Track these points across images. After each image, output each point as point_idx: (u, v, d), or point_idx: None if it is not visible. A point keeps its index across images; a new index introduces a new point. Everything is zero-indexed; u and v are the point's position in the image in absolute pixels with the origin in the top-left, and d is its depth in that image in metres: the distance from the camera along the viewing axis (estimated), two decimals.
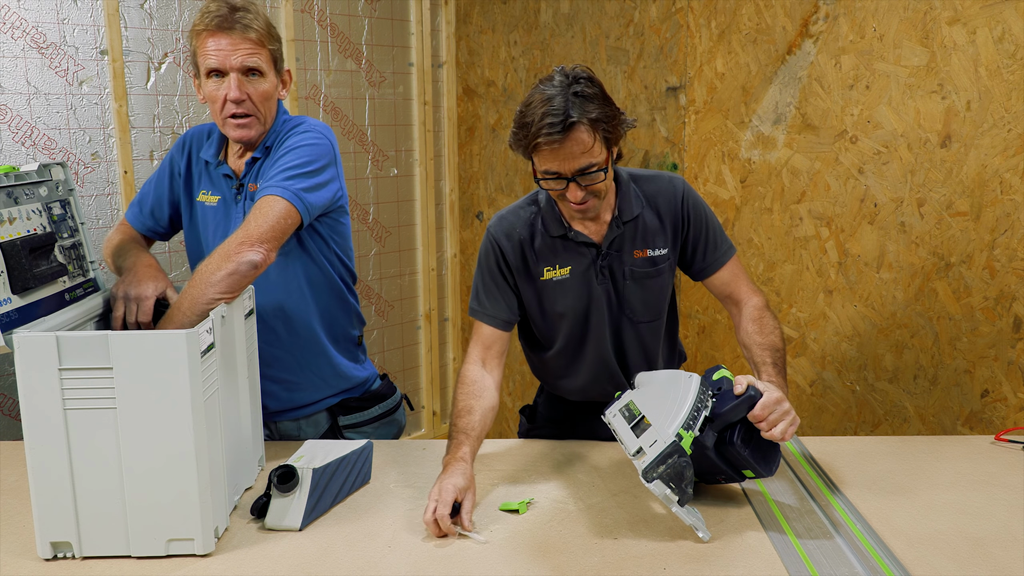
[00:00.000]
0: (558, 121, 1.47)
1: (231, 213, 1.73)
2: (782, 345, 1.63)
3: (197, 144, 1.81)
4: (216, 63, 1.62)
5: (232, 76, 1.63)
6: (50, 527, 1.26)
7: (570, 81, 1.51)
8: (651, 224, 1.70)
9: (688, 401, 1.38)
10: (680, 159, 2.79)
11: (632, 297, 1.72)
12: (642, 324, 1.74)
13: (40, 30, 2.40)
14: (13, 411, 2.45)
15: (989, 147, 2.04)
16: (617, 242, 1.69)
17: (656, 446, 1.31)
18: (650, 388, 1.51)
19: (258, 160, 1.71)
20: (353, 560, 1.27)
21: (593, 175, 1.54)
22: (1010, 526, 1.35)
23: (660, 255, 1.70)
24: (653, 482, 1.29)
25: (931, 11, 2.11)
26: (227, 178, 1.75)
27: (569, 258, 1.70)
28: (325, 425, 1.84)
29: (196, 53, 1.66)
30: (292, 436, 1.84)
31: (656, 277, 1.71)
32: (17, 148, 2.39)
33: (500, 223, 1.73)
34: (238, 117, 1.66)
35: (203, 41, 1.63)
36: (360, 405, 1.86)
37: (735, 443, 1.37)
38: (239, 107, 1.65)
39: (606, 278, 1.70)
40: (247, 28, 1.63)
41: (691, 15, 2.69)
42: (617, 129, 1.57)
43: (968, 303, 2.13)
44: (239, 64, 1.63)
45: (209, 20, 1.62)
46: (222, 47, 1.62)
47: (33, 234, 1.38)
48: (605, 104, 1.53)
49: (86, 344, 1.21)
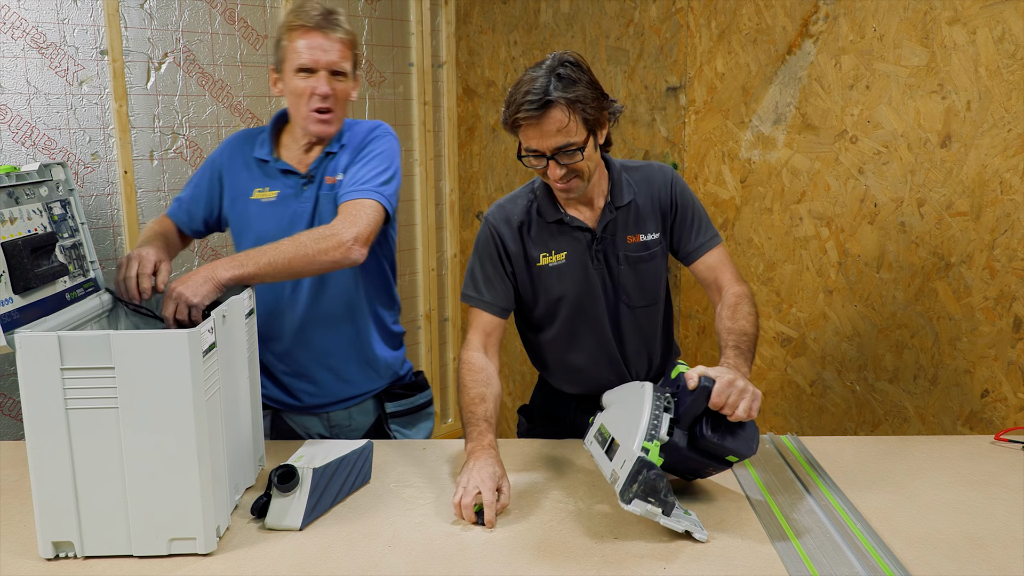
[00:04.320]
0: (536, 99, 1.54)
1: (293, 206, 1.80)
2: (753, 331, 1.64)
3: (243, 147, 1.87)
4: (309, 60, 1.72)
5: (322, 74, 1.72)
6: (52, 527, 1.26)
7: (556, 64, 1.57)
8: (643, 209, 1.75)
9: (645, 412, 1.37)
10: (680, 159, 2.79)
11: (627, 281, 1.76)
12: (638, 309, 1.78)
13: (40, 30, 2.40)
14: (14, 411, 2.45)
15: (989, 147, 2.05)
16: (611, 227, 1.73)
17: (625, 466, 1.31)
18: (614, 407, 1.50)
19: (332, 155, 1.80)
20: (353, 560, 1.27)
21: (571, 154, 1.59)
22: (1010, 526, 1.35)
23: (652, 239, 1.75)
24: (631, 503, 1.29)
25: (931, 11, 2.11)
26: (287, 173, 1.81)
27: (565, 243, 1.74)
28: (374, 414, 1.93)
29: (285, 48, 1.74)
30: (344, 425, 1.92)
31: (649, 261, 1.76)
32: (17, 148, 2.39)
33: (499, 211, 1.78)
34: (322, 112, 1.74)
35: (297, 38, 1.73)
36: (404, 392, 1.95)
37: (706, 435, 1.36)
38: (324, 102, 1.73)
39: (601, 263, 1.74)
40: (340, 31, 1.75)
41: (691, 15, 2.69)
42: (600, 113, 1.62)
43: (968, 303, 2.14)
44: (330, 63, 1.73)
45: (307, 19, 1.72)
46: (316, 45, 1.72)
47: (34, 234, 1.38)
48: (588, 88, 1.58)
49: (88, 344, 1.21)
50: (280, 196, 1.81)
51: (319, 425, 1.92)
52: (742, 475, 1.57)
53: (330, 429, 1.92)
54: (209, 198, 1.88)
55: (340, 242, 1.62)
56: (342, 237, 1.62)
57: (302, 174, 1.80)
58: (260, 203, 1.82)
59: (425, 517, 1.41)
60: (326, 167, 1.80)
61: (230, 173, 1.86)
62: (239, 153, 1.86)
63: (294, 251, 1.59)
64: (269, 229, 1.78)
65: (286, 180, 1.81)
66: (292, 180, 1.81)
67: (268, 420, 1.91)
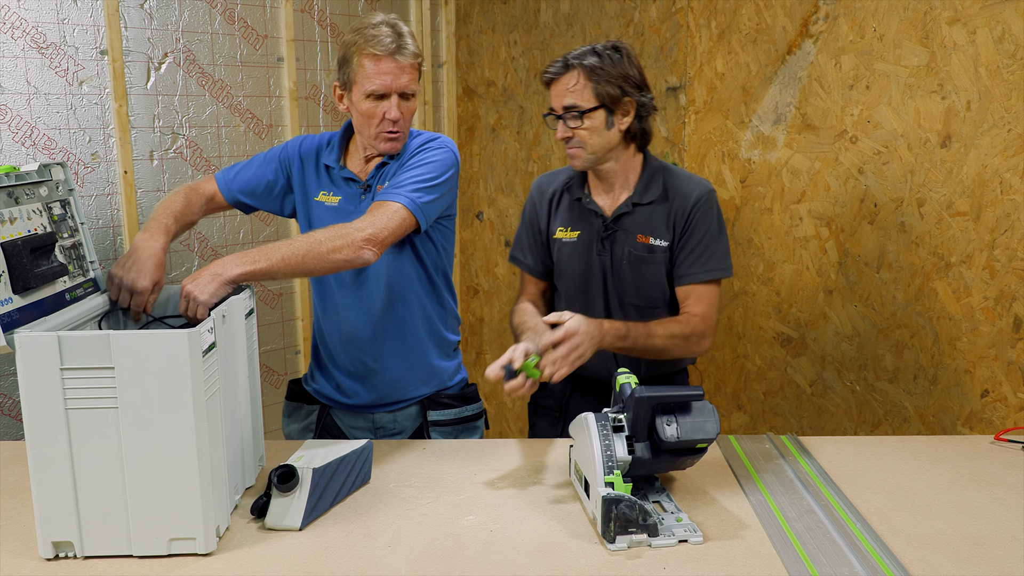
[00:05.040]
0: (562, 61, 1.75)
1: (351, 212, 1.83)
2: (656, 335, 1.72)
3: (313, 152, 1.92)
4: (381, 87, 1.73)
5: (393, 98, 1.75)
6: (51, 527, 1.26)
7: (602, 45, 1.76)
8: (661, 215, 1.80)
9: (595, 446, 1.36)
10: (680, 159, 2.79)
11: (624, 277, 1.82)
12: (631, 307, 1.83)
13: (40, 30, 2.40)
14: (14, 411, 2.45)
15: (989, 147, 2.05)
16: (624, 220, 1.81)
17: (597, 507, 1.31)
18: (577, 442, 1.48)
19: (387, 164, 1.83)
20: (353, 560, 1.27)
21: (576, 118, 1.74)
22: (1010, 526, 1.35)
23: (659, 246, 1.80)
24: (615, 542, 1.29)
25: (931, 11, 2.11)
26: (349, 181, 1.86)
27: (580, 223, 1.86)
28: (418, 419, 1.93)
29: (356, 71, 1.75)
30: (388, 428, 1.93)
31: (650, 265, 1.80)
32: (17, 148, 2.39)
33: (541, 179, 1.96)
34: (392, 133, 1.78)
35: (368, 62, 1.73)
36: (449, 403, 1.94)
37: (667, 439, 1.36)
38: (395, 125, 1.77)
39: (606, 251, 1.82)
40: (410, 55, 1.75)
41: (691, 15, 2.69)
42: (621, 95, 1.74)
43: (968, 303, 2.14)
44: (401, 87, 1.75)
45: (380, 46, 1.72)
46: (388, 71, 1.73)
47: (34, 234, 1.38)
48: (615, 68, 1.73)
49: (88, 344, 1.21)
50: (341, 202, 1.85)
51: (364, 425, 1.94)
52: (742, 475, 1.57)
53: (375, 431, 1.94)
54: (268, 183, 1.91)
55: (351, 241, 1.62)
56: (354, 236, 1.62)
57: (361, 183, 1.85)
58: (323, 206, 1.87)
59: (425, 517, 1.41)
60: (380, 176, 1.84)
61: (300, 171, 1.91)
62: (311, 154, 1.92)
63: (307, 249, 1.59)
64: None
65: (348, 187, 1.86)
66: (353, 188, 1.85)
67: (316, 415, 1.95)
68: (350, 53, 1.76)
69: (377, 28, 1.74)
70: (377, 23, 1.75)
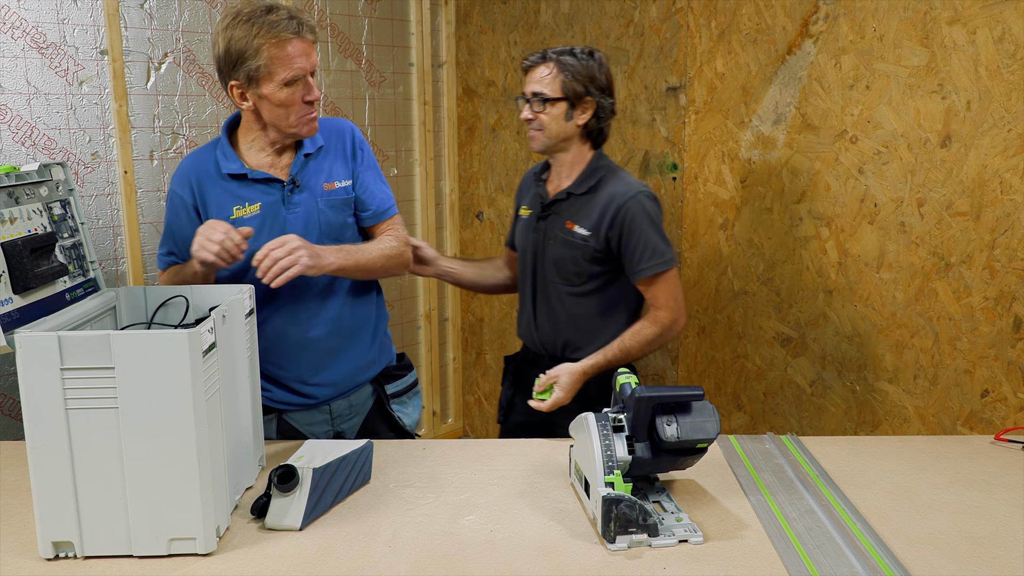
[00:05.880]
0: (541, 54, 1.99)
1: (280, 213, 1.78)
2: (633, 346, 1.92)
3: (206, 167, 1.79)
4: (301, 71, 1.69)
5: (308, 79, 1.71)
6: (51, 527, 1.26)
7: (580, 47, 1.99)
8: (589, 207, 1.98)
9: (596, 447, 1.36)
10: (680, 159, 2.79)
11: (548, 256, 2.03)
12: (551, 284, 2.03)
13: (40, 30, 2.40)
14: (14, 411, 2.45)
15: (989, 147, 2.05)
16: (559, 206, 2.02)
17: (597, 507, 1.31)
18: (577, 441, 1.48)
19: (310, 156, 1.80)
20: (353, 560, 1.27)
21: (541, 104, 1.96)
22: (1010, 526, 1.35)
23: (580, 233, 1.98)
24: (615, 542, 1.29)
25: (931, 11, 2.11)
26: (268, 182, 1.77)
27: (532, 204, 2.09)
28: (372, 397, 1.96)
29: (266, 62, 1.66)
30: (345, 415, 1.93)
31: (571, 249, 1.99)
32: (17, 148, 2.39)
33: (534, 166, 2.18)
34: (311, 114, 1.75)
35: (280, 50, 1.66)
36: (398, 373, 2.01)
37: (667, 439, 1.37)
38: (313, 106, 1.73)
39: (540, 231, 2.05)
40: (311, 30, 1.71)
41: (691, 15, 2.69)
42: (584, 92, 1.95)
43: (968, 303, 2.14)
44: (314, 67, 1.72)
45: (284, 29, 1.66)
46: (300, 53, 1.68)
47: (34, 234, 1.38)
48: (586, 70, 1.95)
49: (88, 344, 1.21)
50: (264, 207, 1.76)
51: (321, 419, 1.91)
52: (742, 475, 1.57)
53: (332, 420, 1.92)
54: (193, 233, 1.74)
55: (406, 261, 1.88)
56: (407, 257, 1.88)
57: (285, 181, 1.77)
58: (243, 220, 1.75)
59: (425, 517, 1.41)
60: (310, 170, 1.78)
61: (203, 197, 1.78)
62: (202, 173, 1.78)
63: (377, 260, 1.78)
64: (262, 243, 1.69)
65: (268, 190, 1.77)
66: (276, 189, 1.77)
67: (274, 423, 1.90)
68: (251, 47, 1.65)
69: (274, 14, 1.66)
70: (268, 7, 1.67)
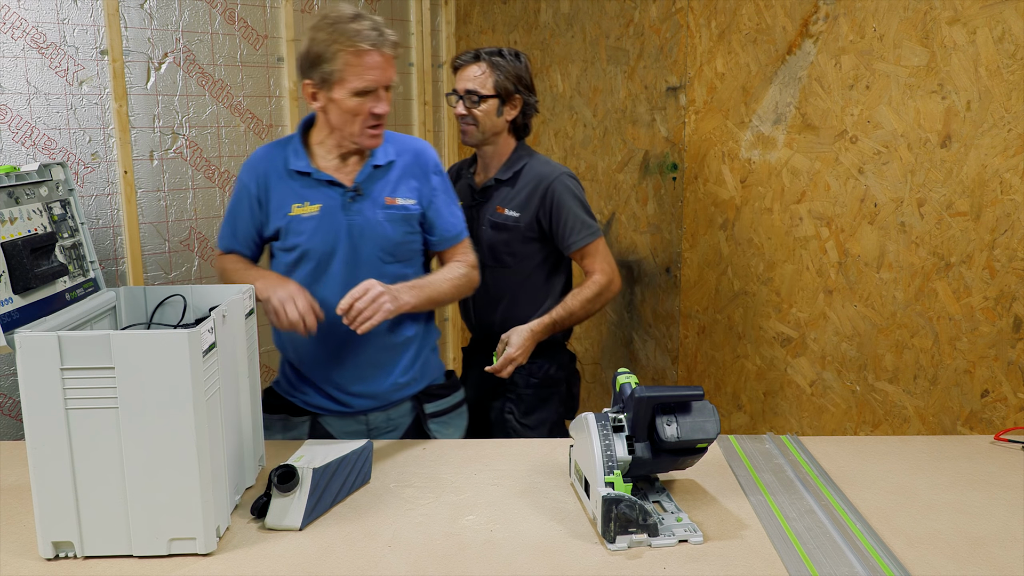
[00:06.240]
0: (473, 54, 2.15)
1: (340, 219, 1.78)
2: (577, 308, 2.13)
3: (275, 162, 1.82)
4: (373, 83, 1.70)
5: (380, 92, 1.73)
6: (51, 527, 1.26)
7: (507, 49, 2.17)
8: (517, 191, 2.15)
9: (596, 447, 1.36)
10: (680, 159, 2.79)
11: (484, 240, 2.18)
12: (488, 269, 2.13)
13: (40, 30, 2.40)
14: (14, 411, 2.45)
15: (989, 147, 2.05)
16: (488, 193, 2.21)
17: (597, 507, 1.32)
18: (577, 441, 1.48)
19: (379, 167, 1.82)
20: (353, 560, 1.27)
21: (475, 102, 2.13)
22: (1010, 526, 1.35)
23: (512, 215, 2.16)
24: (615, 542, 1.29)
25: (931, 11, 2.11)
26: (330, 184, 1.78)
27: (463, 195, 2.21)
28: (411, 414, 1.94)
29: (341, 68, 1.68)
30: (382, 428, 1.91)
31: (503, 231, 2.17)
32: (17, 148, 2.39)
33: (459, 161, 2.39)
34: (376, 127, 1.77)
35: (356, 59, 1.67)
36: (441, 392, 1.98)
37: (667, 439, 1.36)
38: (380, 119, 1.76)
39: (474, 218, 2.20)
40: (392, 45, 1.72)
41: (691, 15, 2.69)
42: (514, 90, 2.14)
43: (968, 303, 2.14)
44: (388, 81, 1.74)
45: (364, 39, 1.67)
46: (375, 65, 1.69)
47: (34, 234, 1.38)
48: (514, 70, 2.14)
49: (88, 344, 1.21)
50: (323, 209, 1.78)
51: (357, 428, 1.91)
52: (742, 475, 1.57)
53: (368, 432, 1.91)
54: (255, 222, 1.85)
55: (474, 284, 1.92)
56: (475, 280, 1.92)
57: (347, 187, 1.79)
58: (301, 219, 1.78)
59: (425, 517, 1.41)
60: (376, 181, 1.80)
61: (267, 190, 1.82)
62: (271, 169, 1.82)
63: (447, 293, 1.83)
64: (316, 244, 1.78)
65: (329, 192, 1.79)
66: (336, 192, 1.79)
67: (307, 425, 1.90)
68: (331, 50, 1.68)
69: (357, 22, 1.68)
70: (354, 16, 1.69)
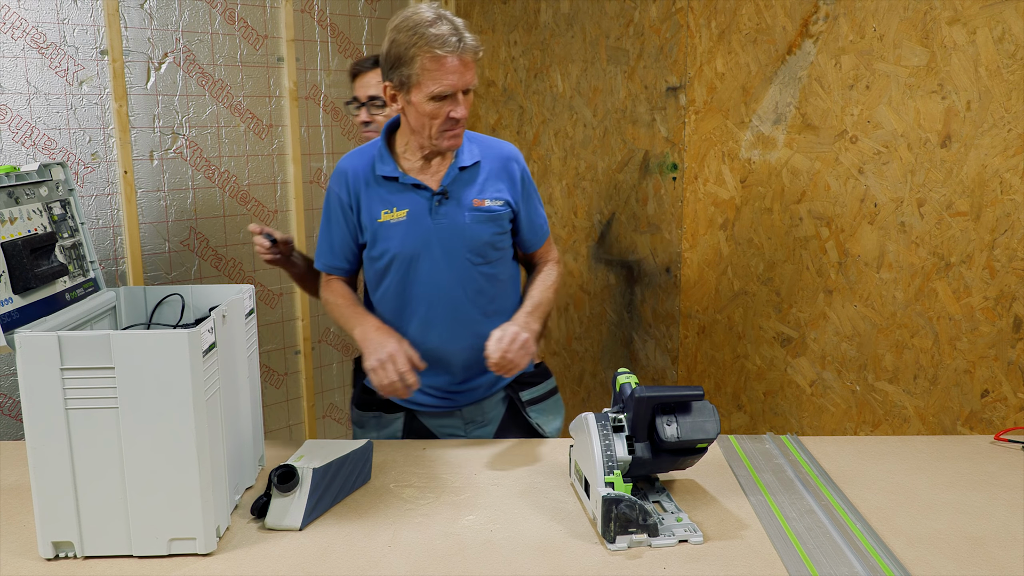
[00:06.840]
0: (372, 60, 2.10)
1: (426, 222, 1.78)
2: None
3: (362, 167, 1.82)
4: (451, 88, 1.67)
5: (459, 96, 1.70)
6: (52, 527, 1.26)
7: None
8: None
9: (596, 447, 1.36)
10: (680, 159, 2.79)
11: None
12: None
13: (40, 30, 2.40)
14: (14, 411, 2.45)
15: (989, 147, 2.05)
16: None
17: (597, 507, 1.31)
18: (577, 441, 1.48)
19: (465, 168, 1.80)
20: (353, 560, 1.27)
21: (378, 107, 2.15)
22: (1010, 526, 1.35)
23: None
24: (615, 542, 1.29)
25: (931, 11, 2.11)
26: (418, 189, 1.78)
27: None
28: (504, 405, 1.94)
29: (419, 72, 1.66)
30: (477, 420, 1.91)
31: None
32: (17, 148, 2.39)
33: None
34: (454, 130, 1.74)
35: (435, 63, 1.65)
36: (533, 380, 1.97)
37: (667, 439, 1.36)
38: (458, 122, 1.73)
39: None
40: (473, 50, 1.69)
41: (691, 15, 2.69)
42: None
43: (968, 303, 2.14)
44: (467, 85, 1.71)
45: (444, 45, 1.64)
46: (454, 70, 1.66)
47: (34, 234, 1.38)
48: None
49: (88, 344, 1.21)
50: (410, 214, 1.78)
51: (454, 423, 1.90)
52: (742, 475, 1.57)
53: (464, 426, 1.90)
54: (351, 229, 1.84)
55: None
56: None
57: (435, 191, 1.78)
58: (390, 225, 1.78)
59: (425, 517, 1.41)
60: (464, 184, 1.79)
61: (357, 197, 1.81)
62: (359, 176, 1.81)
63: (553, 299, 1.89)
64: (405, 249, 1.78)
65: (417, 196, 1.78)
66: (424, 196, 1.78)
67: (402, 422, 1.90)
68: (409, 53, 1.66)
69: (437, 26, 1.65)
70: (434, 19, 1.66)
